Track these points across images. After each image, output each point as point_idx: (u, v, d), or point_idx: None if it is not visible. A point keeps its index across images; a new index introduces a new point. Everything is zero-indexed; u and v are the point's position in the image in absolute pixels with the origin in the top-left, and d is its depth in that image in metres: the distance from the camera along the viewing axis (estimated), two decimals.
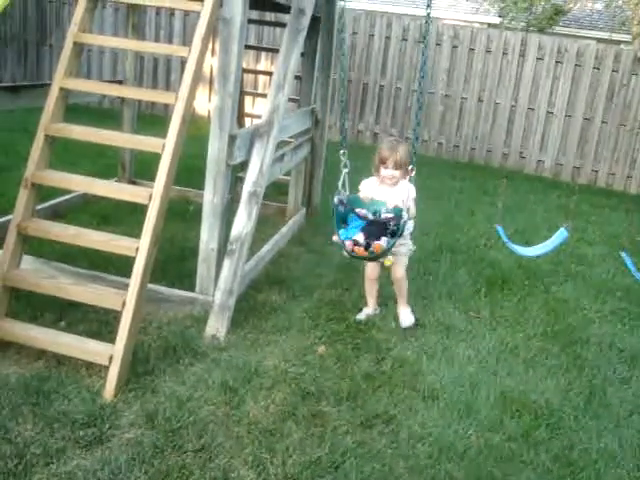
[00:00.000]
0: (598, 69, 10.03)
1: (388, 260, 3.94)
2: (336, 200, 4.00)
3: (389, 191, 4.05)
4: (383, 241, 3.80)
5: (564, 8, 16.53)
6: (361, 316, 4.27)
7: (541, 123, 10.40)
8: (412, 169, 4.08)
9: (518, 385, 3.68)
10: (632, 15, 14.06)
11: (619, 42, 14.75)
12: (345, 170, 4.06)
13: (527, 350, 4.12)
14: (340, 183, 4.04)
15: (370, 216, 3.96)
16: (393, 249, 3.93)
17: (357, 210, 4.00)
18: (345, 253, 3.90)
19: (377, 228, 3.87)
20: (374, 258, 3.93)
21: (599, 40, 14.10)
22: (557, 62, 10.19)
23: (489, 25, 16.40)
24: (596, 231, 7.21)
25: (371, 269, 4.29)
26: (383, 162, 4.03)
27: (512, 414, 3.38)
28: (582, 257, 6.18)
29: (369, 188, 4.13)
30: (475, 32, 10.63)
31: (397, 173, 4.03)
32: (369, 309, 4.35)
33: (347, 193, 4.07)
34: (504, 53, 10.34)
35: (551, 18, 16.23)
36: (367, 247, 3.80)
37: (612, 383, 3.85)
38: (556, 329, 4.47)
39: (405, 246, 4.17)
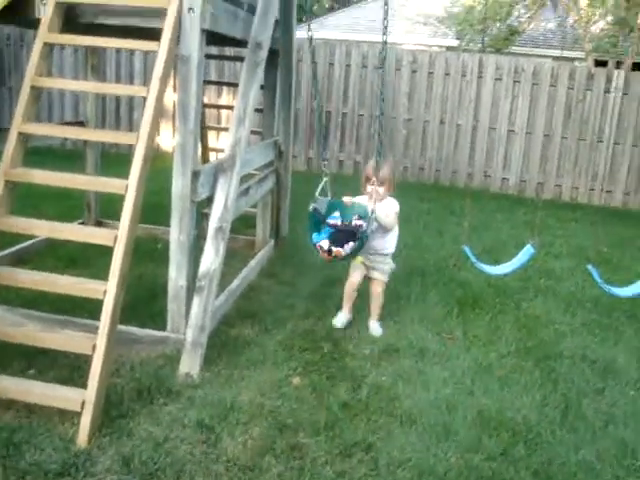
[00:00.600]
0: (555, 86, 10.27)
1: (357, 259, 4.39)
2: (311, 208, 4.27)
3: (378, 206, 4.29)
4: (347, 247, 4.09)
5: (519, 29, 16.87)
6: (337, 321, 4.58)
7: (503, 142, 10.59)
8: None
9: (494, 403, 3.69)
10: (583, 34, 14.41)
11: (573, 59, 15.08)
12: (325, 178, 4.32)
13: (501, 368, 4.14)
14: (318, 191, 4.27)
15: (339, 223, 4.27)
16: (375, 264, 4.54)
17: (329, 221, 4.29)
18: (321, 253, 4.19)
19: (345, 235, 4.16)
20: (338, 261, 4.26)
21: (554, 58, 14.41)
22: (515, 81, 10.41)
23: (447, 48, 16.68)
24: (563, 245, 7.32)
25: (355, 277, 4.57)
26: (368, 179, 4.41)
27: (490, 433, 3.38)
28: (550, 272, 6.26)
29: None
30: (433, 56, 10.83)
31: (381, 189, 4.39)
32: (344, 314, 4.61)
33: (327, 198, 4.34)
34: (463, 75, 10.54)
35: (507, 39, 16.55)
36: (329, 252, 4.11)
37: (586, 395, 3.89)
38: (529, 345, 4.51)
39: (387, 265, 4.58)
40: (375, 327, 4.55)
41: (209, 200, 4.15)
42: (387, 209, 4.37)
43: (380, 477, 2.98)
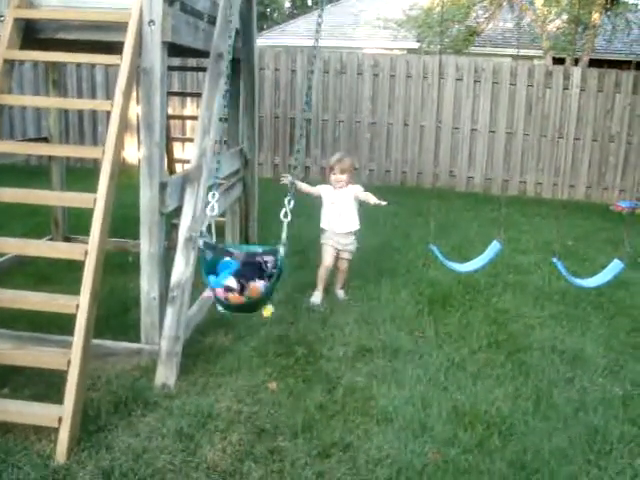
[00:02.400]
0: (514, 85, 10.46)
1: (267, 310, 3.47)
2: (201, 244, 3.54)
3: (342, 192, 5.13)
4: (260, 284, 3.40)
5: (477, 29, 17.08)
6: (315, 299, 5.11)
7: (467, 141, 10.74)
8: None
9: (468, 398, 3.76)
10: (541, 32, 14.65)
11: (532, 57, 15.33)
12: (212, 213, 3.63)
13: (474, 363, 4.22)
14: (204, 227, 3.61)
15: (240, 255, 3.57)
16: (345, 247, 5.13)
17: (229, 249, 3.66)
18: (219, 307, 3.45)
19: (251, 269, 3.49)
20: (252, 305, 3.46)
21: (514, 57, 14.64)
22: (475, 81, 10.59)
23: (408, 51, 16.82)
24: (529, 240, 7.46)
25: (328, 261, 5.17)
26: (332, 169, 5.14)
27: (465, 427, 3.45)
28: (518, 266, 6.37)
29: (326, 192, 5.18)
30: (394, 59, 10.96)
31: (343, 177, 5.11)
32: (319, 293, 5.16)
33: (213, 238, 3.61)
34: (424, 77, 10.69)
35: (466, 39, 16.74)
36: (242, 291, 3.38)
37: (557, 384, 3.98)
38: (499, 339, 4.60)
39: (353, 244, 5.23)
40: (340, 293, 5.31)
41: (178, 211, 4.16)
42: (354, 194, 5.12)
43: (359, 476, 3.02)
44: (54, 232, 6.08)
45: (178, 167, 7.06)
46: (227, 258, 3.57)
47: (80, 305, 3.23)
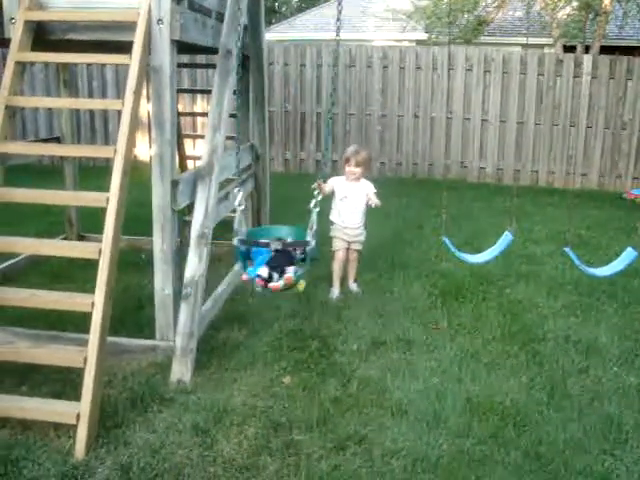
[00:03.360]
0: (524, 74, 10.40)
1: (301, 284, 3.83)
2: (236, 242, 3.89)
3: (355, 185, 5.15)
4: (291, 271, 3.76)
5: (487, 19, 17.00)
6: (332, 295, 5.18)
7: (477, 131, 10.71)
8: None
9: (482, 389, 3.77)
10: (550, 20, 14.55)
11: (542, 46, 15.24)
12: (240, 207, 3.97)
13: (487, 354, 4.23)
14: (236, 223, 3.93)
15: (273, 245, 3.84)
16: (354, 238, 5.15)
17: (261, 242, 3.91)
18: (258, 289, 3.80)
19: (282, 257, 3.83)
20: (287, 288, 3.81)
21: (523, 46, 14.56)
22: (485, 71, 10.54)
23: (417, 42, 16.77)
24: (542, 230, 7.44)
25: (340, 255, 5.20)
26: (347, 161, 5.14)
27: (480, 418, 3.46)
28: (531, 257, 6.36)
29: (338, 185, 5.14)
30: (403, 51, 10.93)
31: (358, 170, 5.11)
32: (336, 288, 5.21)
33: (244, 230, 3.97)
34: (434, 68, 10.65)
35: (476, 29, 16.66)
36: (270, 279, 3.72)
37: (571, 374, 3.98)
38: (513, 330, 4.60)
39: (363, 235, 5.24)
40: (354, 287, 5.33)
41: (190, 208, 4.19)
42: (367, 190, 5.13)
43: (374, 468, 3.04)
44: (68, 231, 6.13)
45: (190, 164, 7.09)
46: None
47: (95, 303, 3.27)
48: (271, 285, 3.72)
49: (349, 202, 5.14)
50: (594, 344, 4.41)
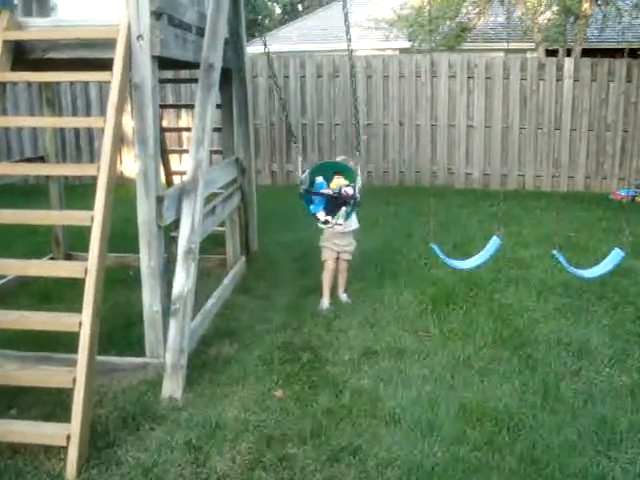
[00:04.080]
0: (508, 79, 10.46)
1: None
2: (301, 190, 4.84)
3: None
4: (343, 210, 4.79)
5: (468, 25, 17.08)
6: (322, 305, 5.15)
7: (463, 137, 10.75)
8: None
9: (476, 395, 3.76)
10: (532, 25, 14.64)
11: (525, 50, 15.32)
12: (300, 159, 5.10)
13: (479, 360, 4.22)
14: (303, 176, 4.84)
15: (331, 192, 4.82)
16: (344, 247, 5.20)
17: (321, 191, 4.83)
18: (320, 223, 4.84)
19: (336, 203, 4.80)
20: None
21: (506, 51, 14.64)
22: (469, 77, 10.60)
23: (401, 50, 16.81)
24: (530, 233, 7.45)
25: (330, 265, 5.20)
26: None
27: (473, 424, 3.45)
28: (520, 260, 6.37)
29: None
30: (387, 59, 10.98)
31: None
32: (326, 298, 5.19)
33: (307, 172, 4.87)
34: (417, 76, 10.70)
35: (458, 36, 16.73)
36: (325, 222, 4.81)
37: (564, 377, 3.98)
38: (504, 334, 4.59)
39: (352, 245, 5.25)
40: (344, 297, 5.32)
41: (176, 223, 4.17)
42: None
43: (370, 478, 3.02)
44: (55, 250, 6.09)
45: (176, 179, 7.07)
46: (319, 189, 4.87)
47: (83, 322, 3.24)
48: (328, 225, 4.85)
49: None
50: (586, 346, 4.42)
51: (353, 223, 5.18)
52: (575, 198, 9.67)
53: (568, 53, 13.37)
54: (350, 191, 4.82)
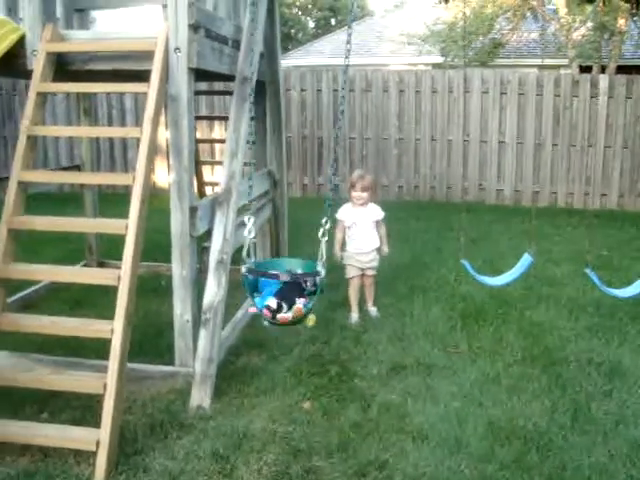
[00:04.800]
0: (541, 95, 10.40)
1: (310, 320, 3.65)
2: (244, 270, 3.64)
3: (362, 211, 5.16)
4: (300, 303, 3.54)
5: (502, 41, 17.06)
6: (351, 319, 5.18)
7: (495, 153, 10.69)
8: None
9: (504, 413, 3.72)
10: (566, 41, 14.57)
11: (558, 67, 15.24)
12: (250, 236, 3.68)
13: (509, 377, 4.18)
14: (245, 252, 3.68)
15: (283, 277, 3.61)
16: (368, 264, 5.14)
17: (271, 272, 3.68)
18: (266, 323, 3.65)
19: (292, 289, 3.59)
20: (296, 322, 3.63)
21: (539, 67, 14.58)
22: (502, 93, 10.56)
23: (433, 65, 16.85)
24: (561, 251, 7.37)
25: (356, 280, 5.24)
26: (353, 186, 5.14)
27: (502, 442, 3.41)
28: (551, 278, 6.31)
29: (346, 212, 5.17)
30: (419, 74, 10.98)
31: (364, 195, 5.11)
32: (355, 313, 5.23)
33: (252, 260, 3.72)
34: (450, 91, 10.68)
35: (491, 52, 16.72)
36: (278, 310, 3.53)
37: (595, 398, 3.92)
38: (534, 352, 4.54)
39: (376, 260, 5.24)
40: (373, 310, 5.33)
41: (208, 234, 4.21)
42: (375, 216, 5.19)
43: None
44: (88, 257, 6.19)
45: (208, 190, 7.14)
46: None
47: (115, 330, 3.28)
48: (280, 316, 3.53)
49: (358, 228, 5.16)
50: (617, 366, 4.35)
51: (375, 241, 5.19)
52: (608, 216, 9.56)
53: (602, 70, 13.27)
54: (309, 279, 3.64)
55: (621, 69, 13.51)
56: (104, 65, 4.05)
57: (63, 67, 4.05)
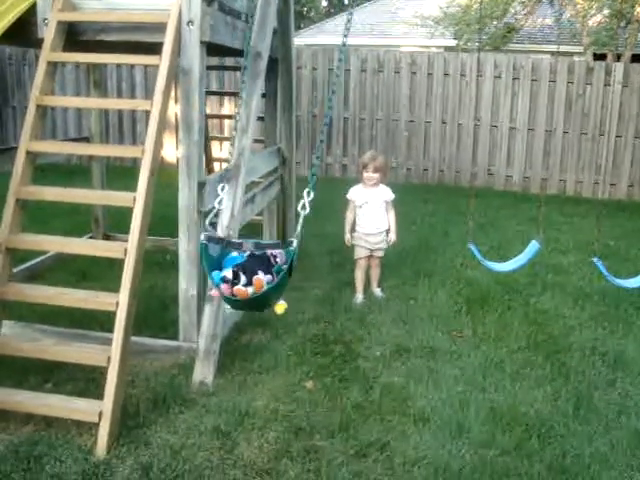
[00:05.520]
0: (554, 82, 10.29)
1: (279, 306, 3.25)
2: (203, 237, 3.29)
3: (373, 191, 5.15)
4: (264, 278, 3.14)
5: (516, 26, 16.87)
6: (356, 300, 5.17)
7: (505, 139, 10.61)
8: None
9: (507, 399, 3.72)
10: (581, 28, 14.41)
11: (572, 54, 15.09)
12: (219, 207, 3.55)
13: (512, 363, 4.17)
14: (208, 219, 3.47)
15: (249, 247, 3.31)
16: (376, 245, 5.14)
17: (234, 241, 3.41)
18: (226, 306, 3.33)
19: (257, 262, 3.23)
20: (259, 301, 3.22)
21: (553, 53, 14.43)
22: (514, 78, 10.44)
23: (446, 48, 16.70)
24: (569, 239, 7.34)
25: (362, 262, 5.23)
26: (365, 167, 5.13)
27: (503, 428, 3.41)
28: (557, 266, 6.28)
29: (357, 193, 5.18)
30: (432, 57, 10.87)
31: (376, 175, 5.10)
32: (360, 294, 5.22)
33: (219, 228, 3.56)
34: (462, 75, 10.58)
35: (505, 36, 16.54)
36: (235, 281, 3.12)
37: (598, 387, 3.92)
38: (538, 340, 4.53)
39: (384, 242, 5.23)
40: (377, 292, 5.34)
41: None
42: (386, 197, 5.19)
43: (396, 476, 3.01)
44: (94, 230, 6.18)
45: (216, 166, 7.11)
46: (234, 253, 3.33)
47: (120, 303, 3.28)
48: (236, 289, 3.10)
49: (369, 208, 5.15)
50: (621, 356, 4.33)
51: (385, 223, 5.18)
52: (617, 206, 9.49)
53: (617, 58, 13.13)
54: (278, 253, 3.32)
55: (636, 58, 13.36)
56: (116, 36, 4.01)
57: (74, 37, 4.02)
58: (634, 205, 9.83)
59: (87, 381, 3.63)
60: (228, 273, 3.16)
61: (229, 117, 9.87)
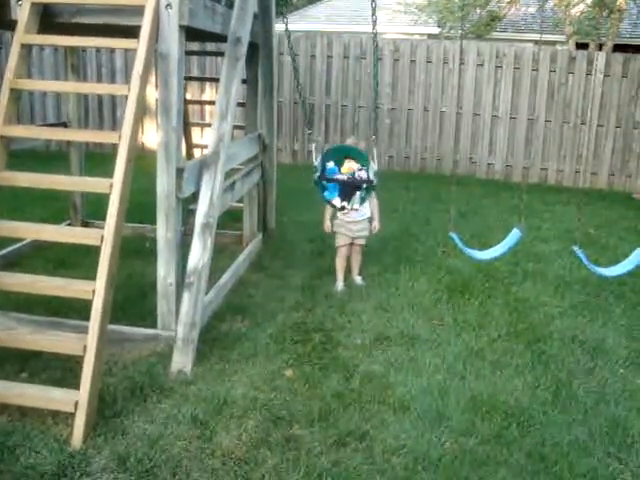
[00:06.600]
0: (536, 70, 10.30)
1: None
2: (315, 177, 4.77)
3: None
4: (357, 195, 4.77)
5: (499, 14, 16.85)
6: (337, 287, 5.14)
7: (487, 127, 10.62)
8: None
9: (487, 387, 3.72)
10: (564, 17, 14.41)
11: (555, 42, 15.11)
12: (313, 145, 4.89)
13: (492, 352, 4.17)
14: (315, 161, 4.80)
15: (345, 178, 4.79)
16: (358, 233, 5.15)
17: (334, 177, 4.79)
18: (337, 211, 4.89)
19: (350, 188, 4.77)
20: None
21: (536, 42, 14.44)
22: (497, 67, 10.45)
23: (429, 36, 16.67)
24: (550, 228, 7.36)
25: (343, 250, 5.19)
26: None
27: (483, 417, 3.41)
28: (538, 255, 6.29)
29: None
30: (415, 44, 10.83)
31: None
32: (340, 282, 5.19)
33: (318, 159, 4.79)
34: (445, 62, 10.56)
35: (488, 24, 16.51)
36: (342, 209, 4.82)
37: (577, 375, 3.93)
38: (519, 328, 4.54)
39: (366, 230, 5.19)
40: (358, 279, 5.31)
41: (195, 196, 4.14)
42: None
43: (375, 465, 3.00)
44: (73, 217, 6.10)
45: (197, 152, 7.04)
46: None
47: (96, 290, 3.23)
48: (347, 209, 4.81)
49: None
50: (601, 345, 4.36)
51: (367, 211, 5.13)
52: (597, 195, 9.55)
53: (599, 47, 13.16)
54: (364, 175, 4.80)
55: (618, 47, 13.40)
56: (92, 19, 3.93)
57: (50, 19, 3.94)
58: (614, 194, 9.89)
59: (63, 370, 3.58)
60: (337, 202, 4.81)
61: (210, 103, 9.79)
